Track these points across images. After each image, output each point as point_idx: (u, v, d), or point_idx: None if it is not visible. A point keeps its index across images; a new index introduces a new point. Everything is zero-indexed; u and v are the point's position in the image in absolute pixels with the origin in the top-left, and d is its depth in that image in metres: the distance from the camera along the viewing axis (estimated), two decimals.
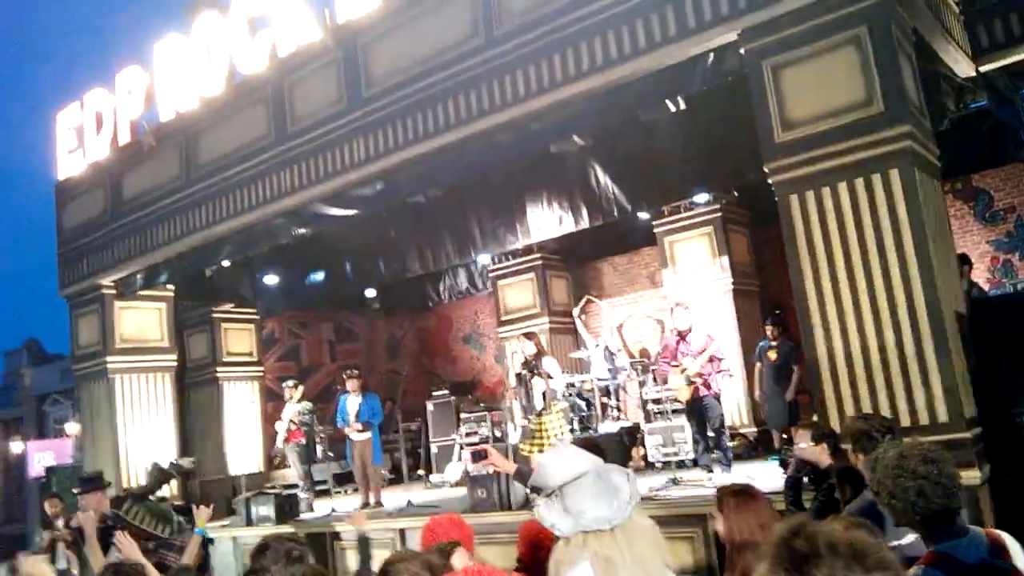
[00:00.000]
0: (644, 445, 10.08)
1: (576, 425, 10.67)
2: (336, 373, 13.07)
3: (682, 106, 7.59)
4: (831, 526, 1.21)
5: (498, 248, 11.17)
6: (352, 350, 15.25)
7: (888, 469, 2.55)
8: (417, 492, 11.03)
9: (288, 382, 11.62)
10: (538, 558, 3.65)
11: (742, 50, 6.45)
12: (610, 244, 12.77)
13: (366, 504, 9.95)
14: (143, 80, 11.17)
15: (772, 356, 9.81)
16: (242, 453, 12.71)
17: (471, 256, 11.47)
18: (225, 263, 10.89)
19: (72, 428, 15.80)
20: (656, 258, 12.20)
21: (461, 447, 11.68)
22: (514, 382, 10.45)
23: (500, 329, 13.55)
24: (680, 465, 9.44)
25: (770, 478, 6.76)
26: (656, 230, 11.65)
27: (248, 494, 10.21)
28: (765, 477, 7.06)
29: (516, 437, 10.27)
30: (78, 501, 7.20)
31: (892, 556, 1.15)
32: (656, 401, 10.29)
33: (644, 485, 7.52)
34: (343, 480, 12.51)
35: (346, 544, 8.70)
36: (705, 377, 8.34)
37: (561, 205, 9.96)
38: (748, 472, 7.91)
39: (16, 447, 22.76)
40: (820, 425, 5.64)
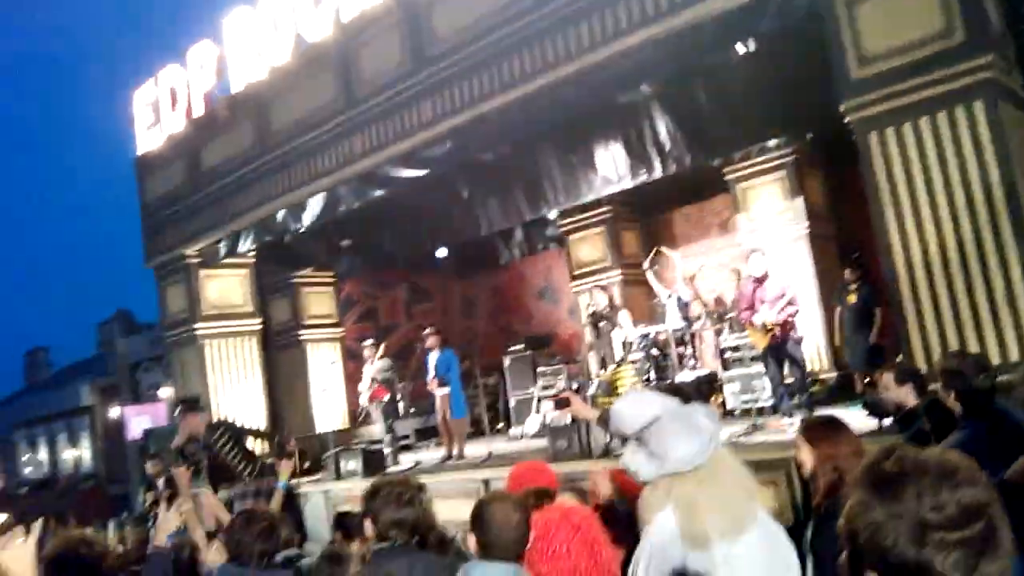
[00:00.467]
0: (722, 392, 10.05)
1: (653, 375, 10.69)
2: (413, 332, 13.32)
3: (752, 47, 7.43)
4: (921, 449, 1.23)
5: (568, 202, 11.14)
6: (428, 309, 15.49)
7: None
8: (498, 444, 11.24)
9: (367, 342, 11.90)
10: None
11: None
12: (680, 193, 12.60)
13: (449, 456, 10.20)
14: (214, 54, 11.43)
15: (852, 299, 9.63)
16: (327, 411, 13.12)
17: (541, 211, 11.48)
18: (302, 228, 11.15)
19: (165, 393, 16.47)
20: (728, 205, 12.00)
21: (539, 399, 11.83)
22: (589, 335, 10.54)
23: (573, 283, 13.58)
24: (760, 412, 9.39)
25: (854, 423, 6.68)
26: (727, 177, 11.45)
27: (335, 450, 10.58)
28: (849, 422, 6.99)
29: (593, 389, 10.34)
30: (177, 423, 7.51)
31: (982, 473, 1.17)
32: (733, 348, 10.22)
33: (724, 432, 7.52)
34: (427, 435, 12.81)
35: (431, 495, 8.94)
36: (783, 322, 8.25)
37: (630, 156, 9.87)
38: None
39: (114, 412, 23.90)
40: (904, 365, 5.57)
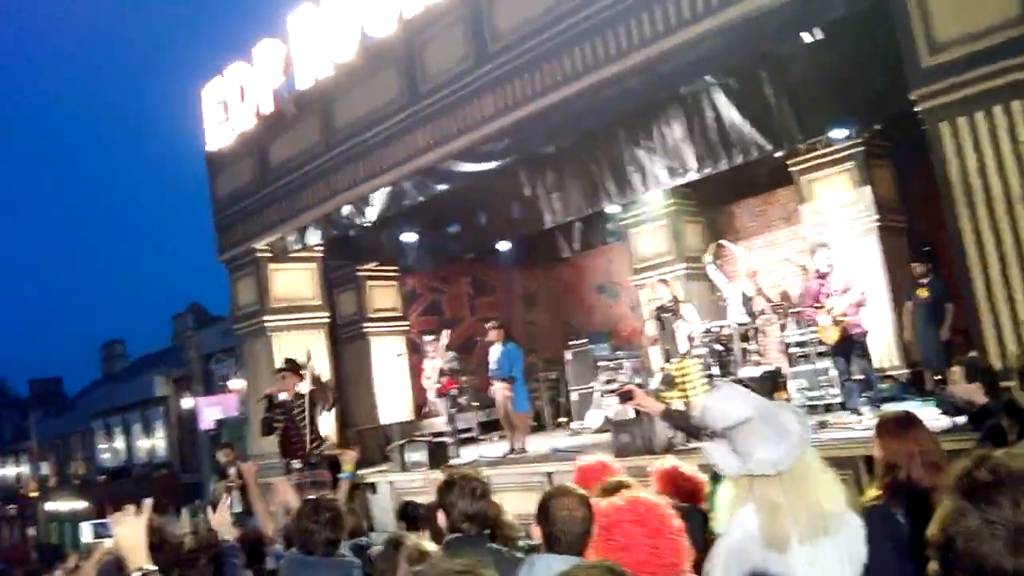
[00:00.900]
0: (787, 389, 9.90)
1: (717, 370, 10.58)
2: (476, 325, 13.42)
3: (818, 36, 7.29)
4: (1011, 455, 1.22)
5: (630, 196, 11.10)
6: (490, 302, 15.58)
7: None
8: (560, 439, 11.27)
9: (428, 336, 12.00)
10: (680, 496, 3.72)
11: None
12: (744, 186, 12.41)
13: (512, 450, 10.26)
14: (280, 51, 11.67)
15: (923, 294, 9.39)
16: (392, 403, 13.32)
17: (603, 204, 11.45)
18: (367, 222, 11.32)
19: (236, 384, 16.92)
20: (792, 198, 11.79)
21: (601, 394, 11.81)
22: (651, 330, 10.47)
23: (634, 278, 13.51)
24: (827, 408, 9.23)
25: (926, 420, 6.53)
26: (792, 168, 11.26)
27: (401, 441, 10.74)
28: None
29: (656, 383, 10.29)
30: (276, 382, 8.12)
31: None
32: (799, 344, 10.06)
33: None
34: (489, 428, 12.92)
35: (495, 487, 9.02)
36: (851, 317, 8.10)
37: (694, 148, 9.78)
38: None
39: (187, 403, 24.63)
40: (977, 362, 5.42)
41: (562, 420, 13.20)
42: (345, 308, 13.82)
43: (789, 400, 9.79)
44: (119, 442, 32.43)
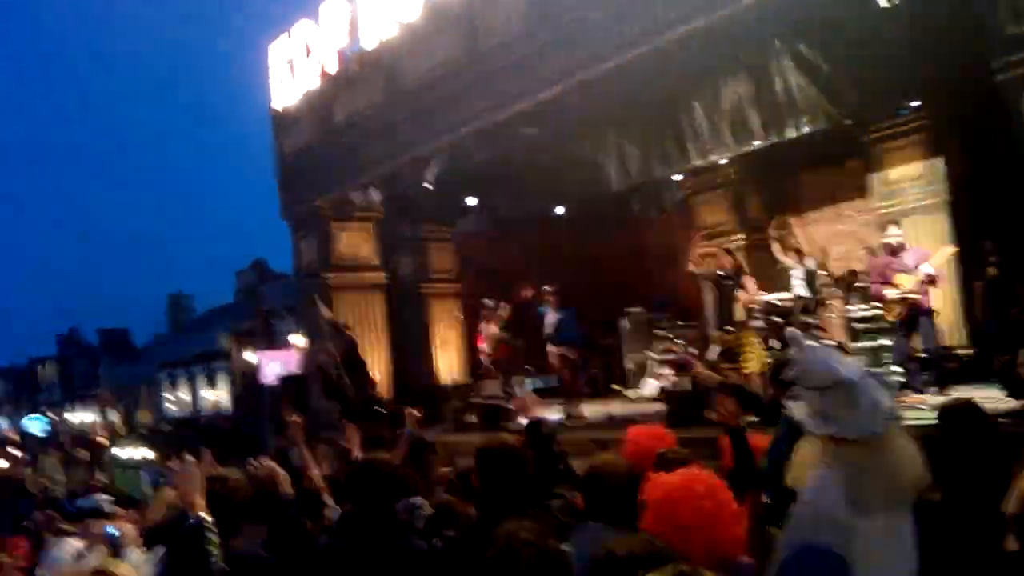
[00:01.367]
0: None
1: (776, 344, 10.43)
2: (533, 289, 13.40)
3: (895, 1, 7.03)
4: None
5: (694, 162, 10.91)
6: (547, 266, 15.53)
7: None
8: (614, 406, 11.27)
9: (488, 302, 12.03)
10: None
11: None
12: (811, 156, 12.06)
13: (569, 416, 10.29)
14: (346, 10, 11.71)
15: (992, 272, 9.09)
16: (447, 364, 13.46)
17: (665, 171, 11.29)
18: (426, 184, 11.37)
19: (297, 340, 17.24)
20: (860, 170, 11.46)
21: (657, 363, 11.77)
22: (710, 299, 10.39)
23: (694, 246, 13.35)
24: (889, 386, 9.04)
25: (990, 402, 6.37)
26: (861, 140, 10.93)
27: (455, 403, 10.87)
28: (984, 401, 6.65)
29: (713, 354, 10.21)
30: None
31: None
32: (862, 320, 9.85)
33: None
34: (544, 393, 12.95)
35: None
36: (919, 294, 7.91)
37: (759, 116, 9.54)
38: (964, 395, 7.47)
39: (250, 357, 25.20)
40: None
41: (616, 388, 13.18)
42: (404, 268, 13.96)
43: None
44: (184, 393, 33.44)
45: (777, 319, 10.69)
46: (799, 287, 10.67)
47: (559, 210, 13.60)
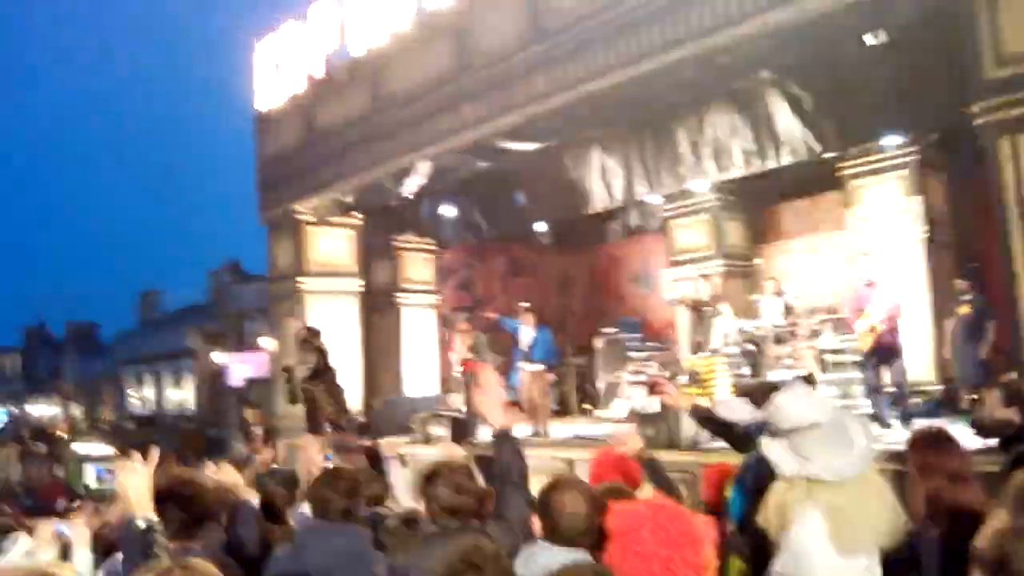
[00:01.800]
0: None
1: (747, 371, 10.47)
2: (508, 305, 13.41)
3: (882, 39, 7.12)
4: None
5: (675, 187, 10.97)
6: (524, 283, 15.54)
7: None
8: (583, 426, 11.23)
9: (460, 317, 11.95)
10: (724, 501, 3.67)
11: None
12: (790, 186, 12.19)
13: (536, 433, 10.24)
14: (336, 14, 11.65)
15: (964, 310, 9.19)
16: (418, 376, 13.39)
17: (646, 194, 11.33)
18: (407, 194, 11.33)
19: (267, 343, 17.10)
20: (840, 203, 11.57)
21: (628, 384, 11.76)
22: (686, 323, 10.40)
23: (670, 270, 13.39)
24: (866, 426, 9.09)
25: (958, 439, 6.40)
26: (842, 173, 11.04)
27: (424, 415, 10.78)
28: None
29: (684, 378, 10.21)
30: None
31: None
32: (834, 351, 9.92)
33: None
34: (513, 408, 12.91)
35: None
36: (884, 326, 8.00)
37: (742, 144, 9.62)
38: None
39: (218, 358, 24.94)
40: (1015, 386, 5.30)
41: (587, 407, 13.17)
42: (379, 277, 13.87)
43: None
44: (149, 391, 33.00)
45: (750, 346, 10.76)
46: (774, 316, 10.75)
47: (540, 227, 13.61)
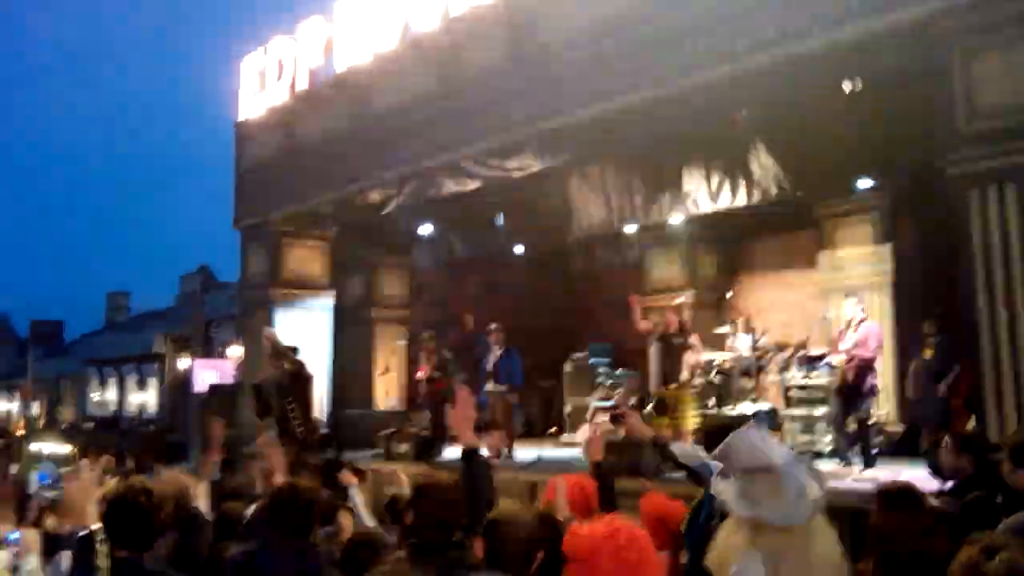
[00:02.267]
0: (781, 430, 9.85)
1: (713, 402, 10.54)
2: (480, 325, 13.38)
3: (859, 87, 7.27)
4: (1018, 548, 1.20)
5: (650, 219, 11.07)
6: (497, 304, 15.51)
7: None
8: (548, 449, 11.23)
9: (427, 334, 11.82)
10: (662, 534, 3.66)
11: (932, 30, 6.10)
12: (764, 224, 12.34)
13: (498, 455, 10.22)
14: (324, 31, 11.70)
15: (928, 353, 9.32)
16: (387, 391, 13.33)
17: (622, 225, 11.44)
18: (384, 211, 11.33)
19: (234, 352, 16.93)
20: (812, 241, 11.73)
21: (595, 410, 11.78)
22: (655, 353, 10.43)
23: (643, 299, 13.44)
24: (817, 455, 9.18)
25: (916, 482, 6.47)
26: (815, 213, 11.21)
27: (388, 431, 10.73)
28: (909, 479, 6.77)
29: (650, 407, 10.25)
30: None
31: None
32: (800, 388, 10.02)
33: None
34: (479, 429, 12.85)
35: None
36: (855, 368, 8.08)
37: (719, 181, 9.75)
38: (890, 471, 7.61)
39: (183, 363, 24.63)
40: (970, 435, 5.39)
41: (552, 430, 13.16)
42: (352, 291, 13.82)
43: (781, 441, 9.74)
44: (111, 393, 32.49)
45: (717, 379, 10.83)
46: (742, 349, 10.84)
47: (517, 250, 13.65)
